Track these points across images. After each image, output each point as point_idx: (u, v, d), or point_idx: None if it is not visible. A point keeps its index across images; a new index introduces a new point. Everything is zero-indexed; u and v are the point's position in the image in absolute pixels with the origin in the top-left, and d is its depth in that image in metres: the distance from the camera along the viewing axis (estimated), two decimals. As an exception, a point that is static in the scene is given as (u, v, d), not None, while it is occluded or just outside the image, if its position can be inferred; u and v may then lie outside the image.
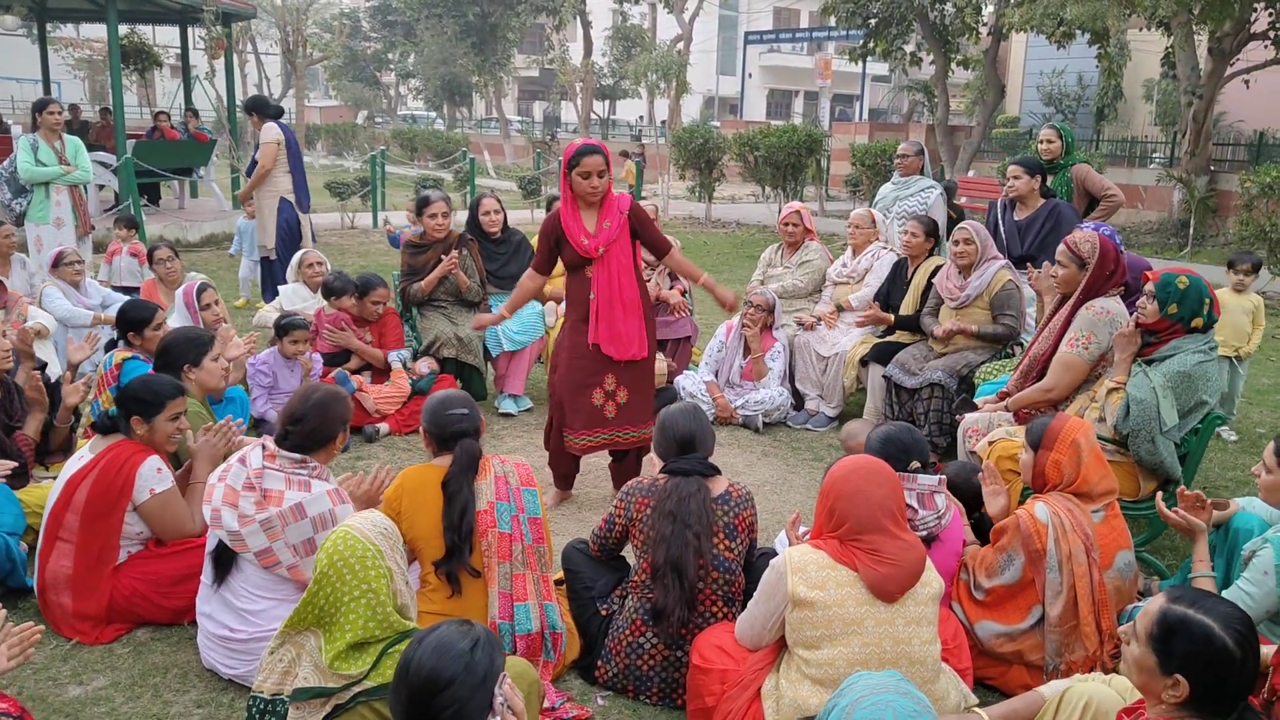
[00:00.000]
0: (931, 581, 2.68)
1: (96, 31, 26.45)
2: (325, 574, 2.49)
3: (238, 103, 14.51)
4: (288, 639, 2.62)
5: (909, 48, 19.11)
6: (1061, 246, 4.29)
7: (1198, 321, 3.80)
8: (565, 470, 4.76)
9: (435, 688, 1.85)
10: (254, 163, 8.07)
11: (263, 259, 8.18)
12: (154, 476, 3.38)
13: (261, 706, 2.61)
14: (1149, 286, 3.87)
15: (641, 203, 6.85)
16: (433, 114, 42.65)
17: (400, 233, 8.15)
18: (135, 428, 3.43)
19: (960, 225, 5.55)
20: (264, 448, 3.17)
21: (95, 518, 3.34)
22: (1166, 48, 16.32)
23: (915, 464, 3.22)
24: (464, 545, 3.07)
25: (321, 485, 3.13)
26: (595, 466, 5.27)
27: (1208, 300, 3.79)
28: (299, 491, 3.09)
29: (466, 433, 3.18)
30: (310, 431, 3.16)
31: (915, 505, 3.21)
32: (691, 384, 6.13)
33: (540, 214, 14.83)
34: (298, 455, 3.15)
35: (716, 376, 6.18)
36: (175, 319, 5.18)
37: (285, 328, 5.45)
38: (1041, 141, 6.50)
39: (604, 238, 4.38)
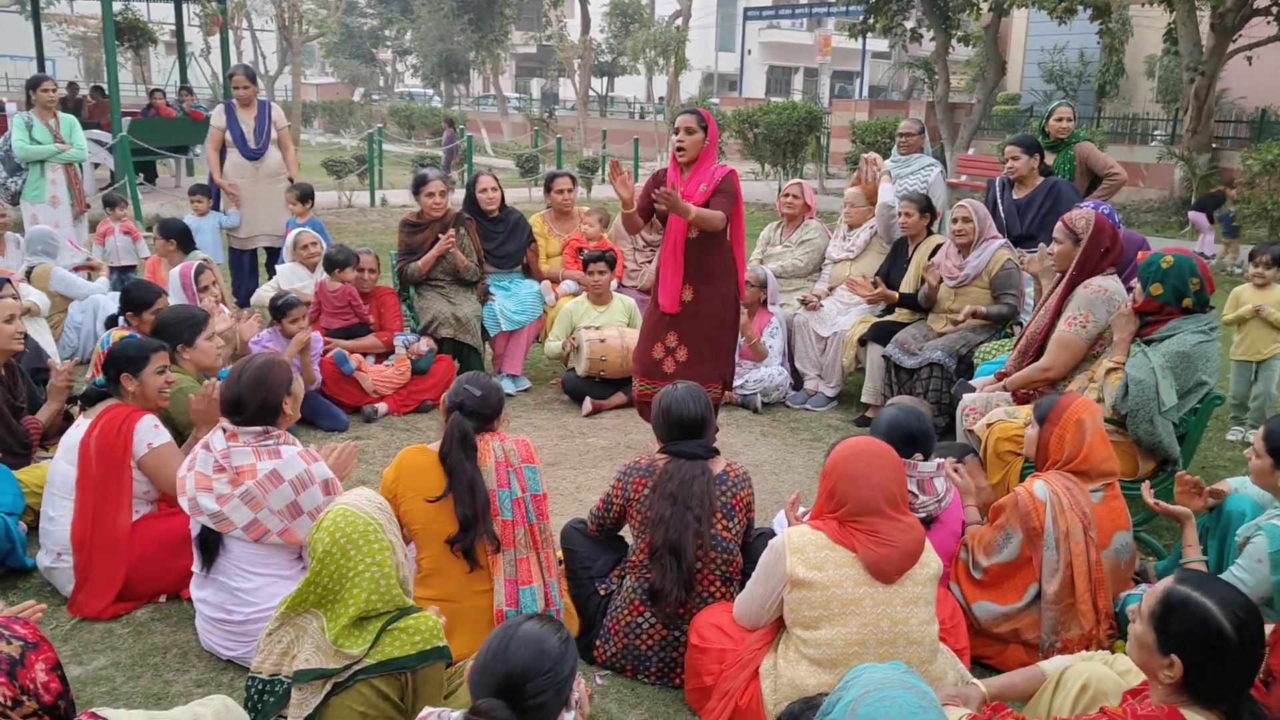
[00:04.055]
0: (930, 562, 2.69)
1: (91, 8, 26.27)
2: (329, 553, 2.49)
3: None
4: (287, 621, 2.62)
5: (909, 24, 18.94)
6: (1058, 224, 4.30)
7: (1187, 302, 3.78)
8: None
9: (528, 677, 1.93)
10: (260, 142, 7.78)
11: (247, 251, 7.80)
12: (151, 431, 3.47)
13: (260, 687, 2.62)
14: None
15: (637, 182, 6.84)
16: (430, 91, 42.41)
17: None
18: (126, 385, 3.52)
19: (959, 203, 5.54)
20: (224, 429, 3.16)
21: (104, 478, 3.42)
22: (1169, 23, 16.19)
23: (918, 455, 3.21)
24: (478, 519, 3.03)
25: (291, 449, 3.14)
26: (594, 447, 5.28)
27: (1196, 279, 3.77)
28: (270, 460, 3.09)
29: (464, 406, 3.12)
30: (256, 410, 3.13)
31: (915, 491, 3.21)
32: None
33: (538, 193, 14.77)
34: (257, 428, 3.14)
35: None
36: (172, 299, 5.17)
37: (282, 308, 5.39)
38: (1060, 119, 6.43)
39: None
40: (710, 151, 4.59)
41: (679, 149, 4.57)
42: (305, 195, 7.36)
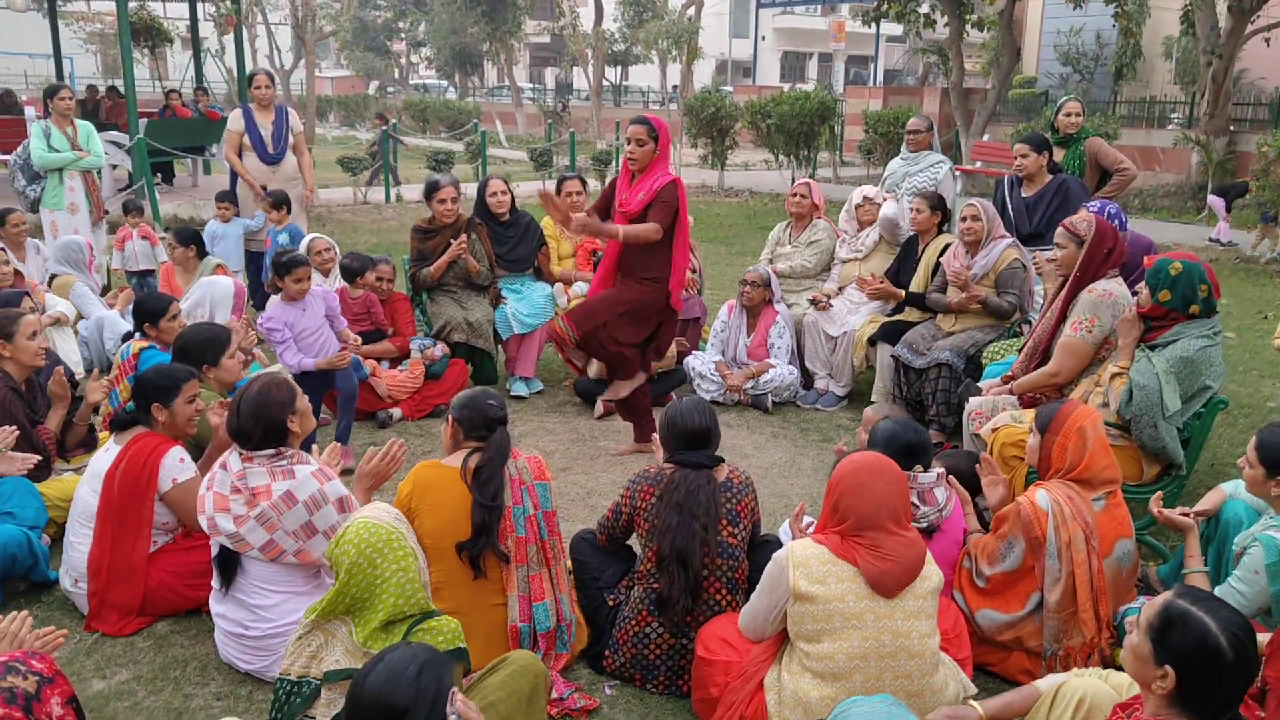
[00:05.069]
0: (931, 576, 2.73)
1: (107, 5, 26.42)
2: (356, 564, 2.54)
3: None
4: (316, 626, 2.69)
5: (923, 9, 18.81)
6: (1060, 228, 4.31)
7: (1194, 309, 3.80)
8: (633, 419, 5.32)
9: (390, 716, 1.92)
10: (278, 148, 7.84)
11: (263, 254, 7.94)
12: (176, 466, 3.52)
13: (289, 688, 2.68)
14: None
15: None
16: (444, 83, 42.43)
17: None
18: (157, 415, 3.55)
19: (969, 202, 5.54)
20: (240, 451, 3.20)
21: (127, 509, 3.46)
22: (1185, 4, 16.02)
23: (918, 466, 3.25)
24: (493, 527, 3.11)
25: (305, 468, 3.17)
26: (605, 451, 5.33)
27: (1204, 286, 3.78)
28: (284, 480, 3.13)
29: (504, 420, 3.27)
30: (260, 437, 3.15)
31: (916, 502, 3.25)
32: (700, 364, 6.16)
33: (551, 186, 14.80)
34: (269, 451, 3.17)
35: (723, 355, 6.23)
36: (220, 310, 5.18)
37: (286, 266, 5.10)
38: (1070, 114, 6.40)
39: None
40: (659, 161, 4.82)
41: (630, 159, 4.80)
42: (279, 203, 7.34)
